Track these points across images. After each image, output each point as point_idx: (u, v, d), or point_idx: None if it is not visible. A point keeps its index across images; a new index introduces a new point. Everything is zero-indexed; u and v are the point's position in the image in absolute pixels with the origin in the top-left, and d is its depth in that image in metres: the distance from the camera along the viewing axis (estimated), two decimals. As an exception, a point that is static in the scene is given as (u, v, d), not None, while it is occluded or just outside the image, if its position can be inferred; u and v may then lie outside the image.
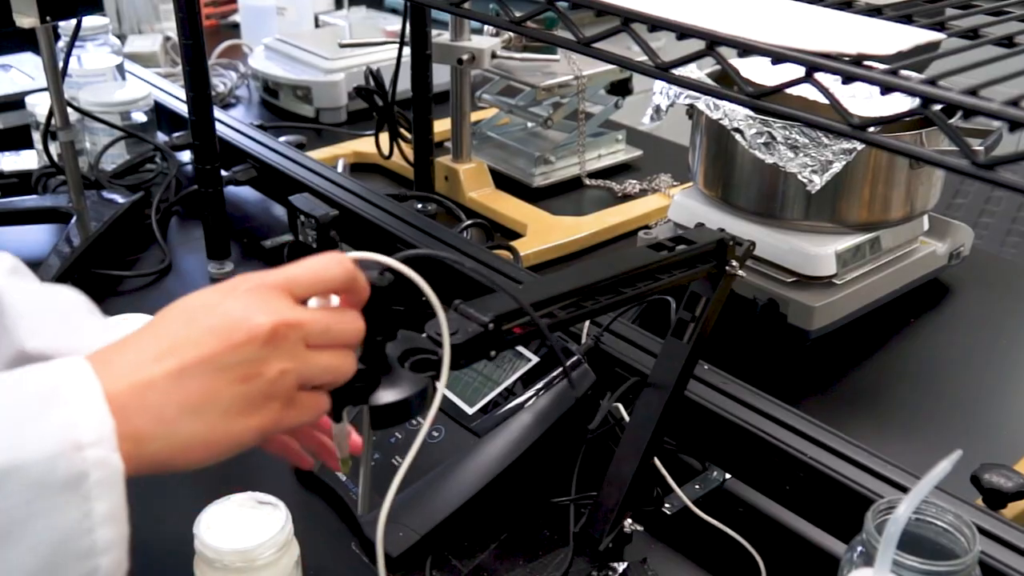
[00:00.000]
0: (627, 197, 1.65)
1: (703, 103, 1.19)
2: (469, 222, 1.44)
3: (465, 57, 1.49)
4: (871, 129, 0.54)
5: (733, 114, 1.16)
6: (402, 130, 1.64)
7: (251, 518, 0.79)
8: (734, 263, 0.89)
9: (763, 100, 0.59)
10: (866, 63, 0.54)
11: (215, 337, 0.57)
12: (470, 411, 0.99)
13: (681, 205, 1.31)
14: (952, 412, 1.17)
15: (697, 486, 1.00)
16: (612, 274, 0.80)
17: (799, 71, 0.56)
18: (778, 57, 0.55)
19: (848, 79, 0.53)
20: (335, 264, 0.61)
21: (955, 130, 0.48)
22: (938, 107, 0.49)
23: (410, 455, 0.68)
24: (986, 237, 1.91)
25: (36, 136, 1.66)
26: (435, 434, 0.98)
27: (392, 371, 0.67)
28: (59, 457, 0.52)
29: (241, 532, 0.78)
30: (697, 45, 0.60)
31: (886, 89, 0.51)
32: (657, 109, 1.28)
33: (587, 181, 1.70)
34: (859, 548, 0.74)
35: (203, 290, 0.60)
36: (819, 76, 0.54)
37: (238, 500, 0.80)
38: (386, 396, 0.66)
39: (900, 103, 0.54)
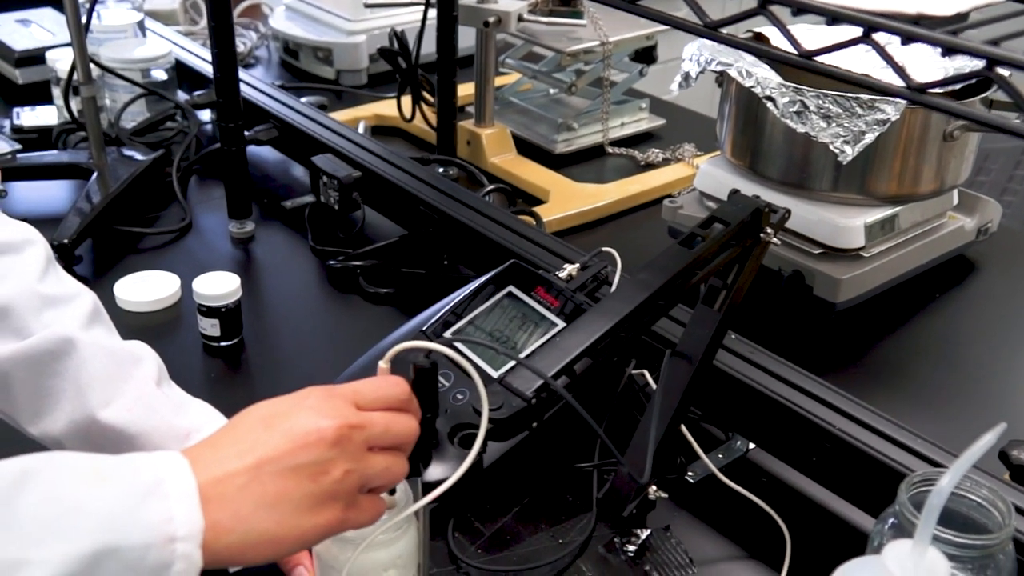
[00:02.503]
0: (650, 166, 1.64)
1: (735, 70, 1.17)
2: (492, 187, 1.43)
3: (491, 19, 1.47)
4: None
5: (766, 82, 1.14)
6: (424, 93, 1.63)
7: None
8: (769, 230, 0.88)
9: (814, 60, 0.57)
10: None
11: (289, 440, 0.62)
12: (495, 375, 0.98)
13: (708, 174, 1.30)
14: (977, 388, 1.16)
15: (720, 455, 1.00)
16: (648, 294, 0.80)
17: (854, 32, 0.55)
18: (834, 16, 0.54)
19: (908, 39, 0.51)
20: (395, 384, 0.68)
21: (1020, 93, 0.47)
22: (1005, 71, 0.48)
23: (455, 475, 0.69)
24: (1009, 215, 1.89)
25: (56, 91, 1.65)
26: (459, 396, 0.97)
27: (442, 446, 0.72)
28: (153, 547, 0.57)
29: None
30: (748, 4, 0.59)
31: (948, 50, 0.50)
32: (686, 76, 1.26)
33: (609, 149, 1.68)
34: (891, 520, 0.74)
35: (277, 399, 0.66)
36: (876, 36, 0.53)
37: None
38: (437, 472, 0.71)
39: (938, 70, 0.53)
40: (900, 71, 0.53)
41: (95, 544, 0.55)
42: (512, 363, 0.96)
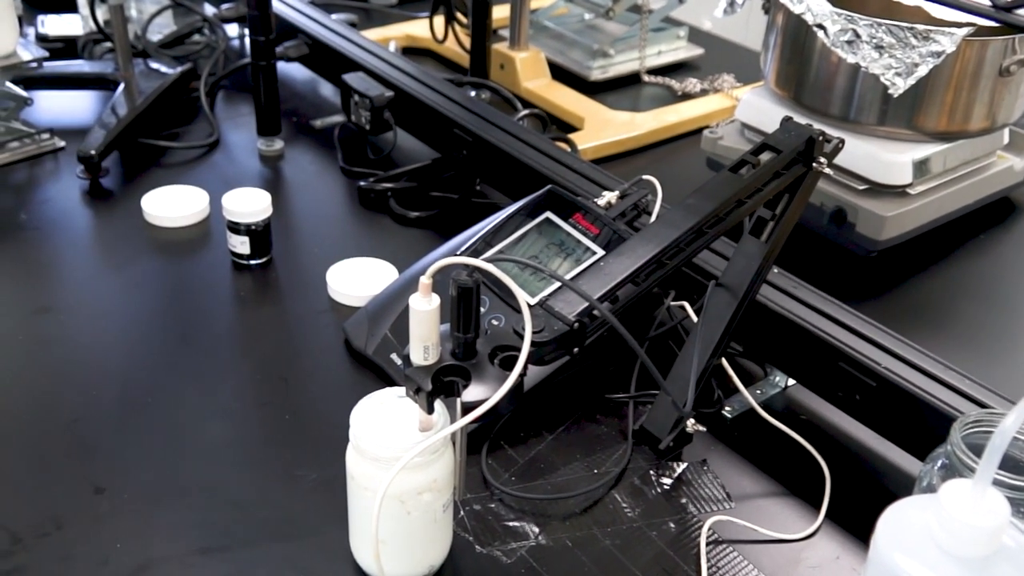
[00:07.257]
0: (687, 96, 1.60)
1: (785, -4, 1.13)
2: (526, 111, 1.39)
3: (530, -62, 1.43)
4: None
5: (817, 8, 1.10)
6: (458, 14, 1.58)
7: (410, 415, 0.73)
8: (822, 160, 0.85)
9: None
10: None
11: None
12: (532, 302, 0.96)
13: (750, 104, 1.26)
14: (1014, 329, 1.14)
15: (759, 391, 0.98)
16: (696, 220, 0.78)
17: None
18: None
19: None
20: None
21: None
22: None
23: (496, 396, 0.68)
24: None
25: (82, 0, 1.61)
26: (495, 322, 0.95)
27: (483, 367, 0.70)
28: None
29: (397, 427, 0.73)
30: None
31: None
32: (731, 2, 1.22)
33: (646, 78, 1.64)
34: (941, 460, 0.72)
35: None
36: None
37: (399, 393, 0.75)
38: (475, 392, 0.69)
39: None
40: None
41: None
42: (549, 289, 0.94)
